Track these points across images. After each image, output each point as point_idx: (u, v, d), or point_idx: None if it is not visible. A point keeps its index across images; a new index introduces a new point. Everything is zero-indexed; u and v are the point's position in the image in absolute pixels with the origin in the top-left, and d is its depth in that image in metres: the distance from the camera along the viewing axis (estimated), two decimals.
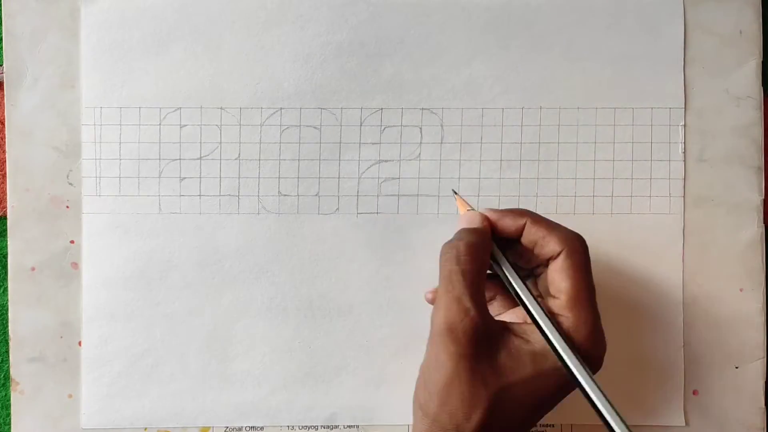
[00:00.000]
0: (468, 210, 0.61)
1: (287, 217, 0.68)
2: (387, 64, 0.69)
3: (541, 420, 0.66)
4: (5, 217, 0.69)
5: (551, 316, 0.56)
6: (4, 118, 0.68)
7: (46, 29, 0.68)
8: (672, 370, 0.69)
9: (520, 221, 0.59)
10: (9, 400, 0.68)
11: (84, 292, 0.68)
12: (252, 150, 0.68)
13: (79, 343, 0.68)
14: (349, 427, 0.69)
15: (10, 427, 0.68)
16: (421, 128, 0.69)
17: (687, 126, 0.69)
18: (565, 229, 0.58)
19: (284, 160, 0.68)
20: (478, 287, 0.56)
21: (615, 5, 0.69)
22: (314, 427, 0.69)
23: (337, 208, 0.69)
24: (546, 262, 0.58)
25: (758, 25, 0.69)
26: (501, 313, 0.62)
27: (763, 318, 0.69)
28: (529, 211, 0.60)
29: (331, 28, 0.68)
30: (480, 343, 0.54)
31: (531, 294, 0.57)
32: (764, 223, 0.69)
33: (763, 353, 0.69)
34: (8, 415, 0.68)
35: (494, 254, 0.59)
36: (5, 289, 0.69)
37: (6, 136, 0.68)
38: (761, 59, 0.69)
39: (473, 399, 0.54)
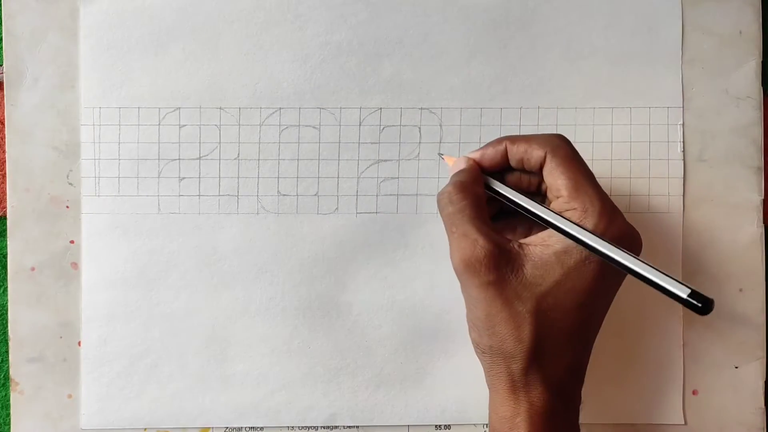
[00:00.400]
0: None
1: (286, 217, 0.68)
2: (386, 64, 0.69)
3: None
4: (5, 217, 0.69)
5: (558, 212, 0.56)
6: (4, 118, 0.68)
7: (46, 29, 0.68)
8: (672, 370, 0.69)
9: (500, 146, 0.60)
10: (9, 400, 0.68)
11: (83, 292, 0.68)
12: (251, 150, 0.68)
13: (79, 343, 0.68)
14: (349, 427, 0.69)
15: (9, 427, 0.68)
16: (420, 128, 0.69)
17: (687, 126, 0.69)
18: (544, 134, 0.59)
19: (283, 159, 0.68)
20: (481, 218, 0.57)
21: (613, 5, 0.69)
22: (314, 427, 0.69)
23: (337, 208, 0.69)
24: (540, 174, 0.59)
25: (758, 25, 0.69)
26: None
27: (763, 318, 0.69)
28: (506, 135, 0.61)
29: (330, 28, 0.68)
30: (500, 267, 0.55)
31: (531, 199, 0.58)
32: (764, 223, 0.69)
33: (763, 353, 0.69)
34: (8, 415, 0.68)
35: (489, 184, 0.60)
36: (5, 289, 0.69)
37: (6, 136, 0.68)
38: (761, 59, 0.69)
39: (516, 319, 0.55)
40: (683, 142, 0.69)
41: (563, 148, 0.57)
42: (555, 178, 0.57)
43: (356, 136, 0.68)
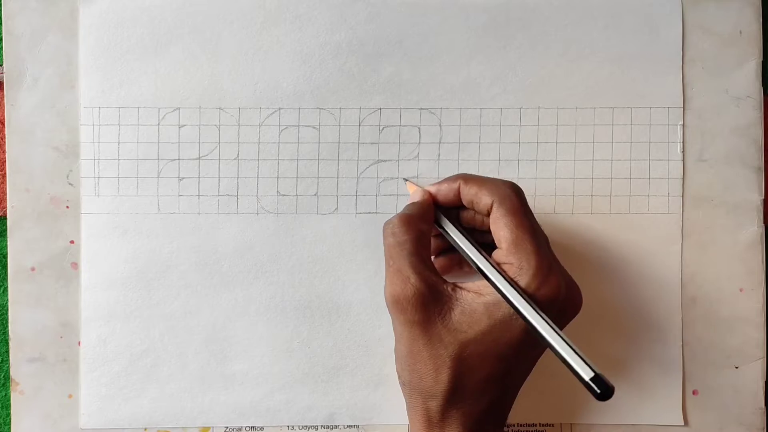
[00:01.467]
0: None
1: (286, 217, 0.68)
2: (385, 64, 0.69)
3: (540, 419, 0.67)
4: (5, 217, 0.69)
5: (496, 265, 0.56)
6: (4, 118, 0.68)
7: (46, 29, 0.68)
8: (671, 370, 0.69)
9: (455, 185, 0.60)
10: (9, 400, 0.68)
11: (83, 292, 0.68)
12: (251, 150, 0.68)
13: (79, 343, 0.68)
14: (349, 427, 0.69)
15: (9, 427, 0.68)
16: (419, 128, 0.69)
17: (687, 126, 0.69)
18: (496, 180, 0.60)
19: (283, 160, 0.68)
20: (418, 255, 0.58)
21: (613, 5, 0.69)
22: (314, 427, 0.69)
23: (336, 208, 0.69)
24: (486, 216, 0.59)
25: (758, 25, 0.69)
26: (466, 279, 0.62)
27: (763, 318, 0.69)
28: (464, 173, 0.61)
29: (330, 28, 0.68)
30: (428, 308, 0.56)
31: (472, 244, 0.58)
32: (764, 223, 0.69)
33: (763, 353, 0.69)
34: (8, 415, 0.68)
35: (438, 220, 0.61)
36: (5, 289, 0.69)
37: (6, 136, 0.68)
38: (761, 59, 0.69)
39: (436, 360, 0.56)
40: (683, 142, 0.69)
41: (510, 199, 0.58)
42: (498, 229, 0.57)
43: (356, 137, 0.68)
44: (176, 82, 0.68)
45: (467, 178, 0.60)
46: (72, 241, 0.68)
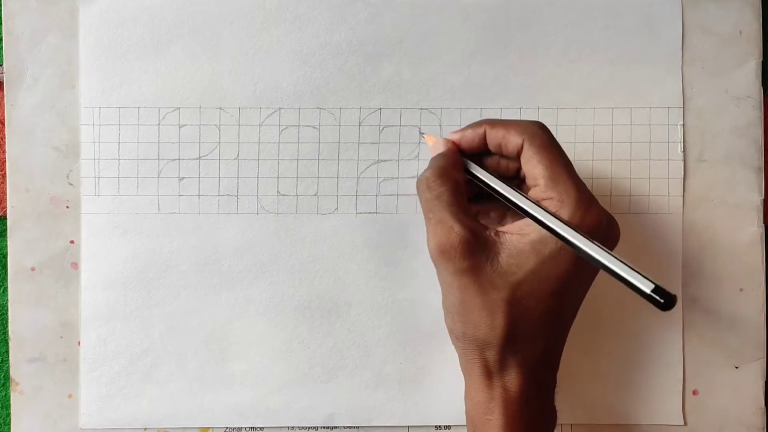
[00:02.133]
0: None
1: (286, 217, 0.68)
2: (386, 64, 0.69)
3: None
4: (5, 217, 0.69)
5: (534, 201, 0.56)
6: (4, 118, 0.68)
7: (46, 29, 0.68)
8: (671, 370, 0.69)
9: (480, 129, 0.60)
10: (9, 400, 0.68)
11: (82, 292, 0.68)
12: (251, 150, 0.68)
13: (79, 343, 0.68)
14: (349, 428, 0.69)
15: (9, 427, 0.68)
16: (419, 128, 0.69)
17: (687, 126, 0.69)
18: (523, 120, 0.59)
19: (283, 159, 0.68)
20: (458, 204, 0.57)
21: (613, 5, 0.69)
22: (314, 427, 0.69)
23: (336, 208, 0.69)
24: (518, 160, 0.59)
25: (758, 25, 0.69)
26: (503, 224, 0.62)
27: (763, 318, 0.69)
28: (486, 119, 0.61)
29: (330, 28, 0.68)
30: (475, 254, 0.56)
31: (508, 185, 0.58)
32: (764, 223, 0.69)
33: (763, 353, 0.69)
34: (8, 415, 0.68)
35: (468, 167, 0.60)
36: (5, 289, 0.69)
37: (6, 136, 0.68)
38: (761, 59, 0.69)
39: (490, 306, 0.56)
40: (683, 142, 0.69)
41: (540, 137, 0.58)
42: (532, 167, 0.57)
43: (356, 136, 0.68)
44: (176, 82, 0.68)
45: (493, 123, 0.60)
46: (72, 241, 0.68)
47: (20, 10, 0.68)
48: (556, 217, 0.54)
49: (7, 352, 0.68)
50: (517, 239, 0.56)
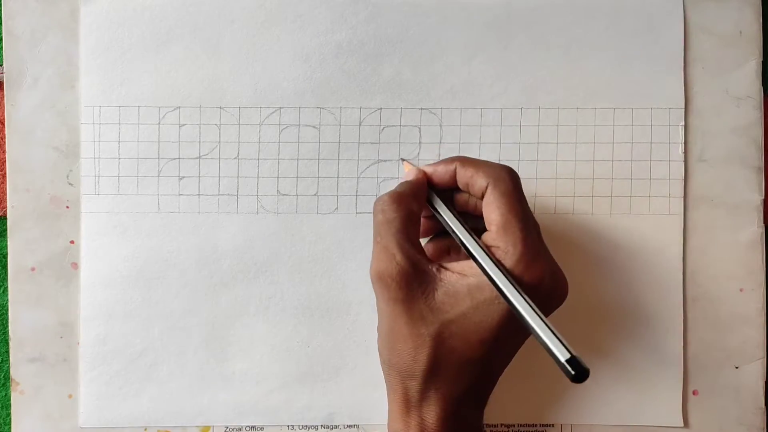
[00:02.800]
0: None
1: (286, 217, 0.68)
2: (386, 64, 0.69)
3: (540, 419, 0.67)
4: (5, 217, 0.69)
5: (484, 246, 0.56)
6: (4, 118, 0.68)
7: (46, 29, 0.68)
8: (671, 371, 0.69)
9: (451, 166, 0.60)
10: (9, 400, 0.68)
11: (82, 291, 0.68)
12: (251, 149, 0.68)
13: (78, 343, 0.68)
14: (349, 426, 0.69)
15: (10, 427, 0.68)
16: (420, 128, 0.69)
17: (687, 126, 0.69)
18: (493, 163, 0.60)
19: (283, 159, 0.68)
20: (406, 233, 0.58)
21: (614, 5, 0.69)
22: (314, 426, 0.69)
23: (336, 208, 0.69)
24: (480, 199, 0.59)
25: (758, 25, 0.69)
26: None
27: (763, 318, 0.69)
28: (461, 156, 0.62)
29: (331, 27, 0.68)
30: (411, 286, 0.56)
31: (462, 225, 0.58)
32: (764, 223, 0.69)
33: (763, 353, 0.69)
34: (8, 415, 0.68)
35: (431, 199, 0.61)
36: (5, 289, 0.69)
37: (6, 136, 0.68)
38: (761, 59, 0.69)
39: (416, 339, 0.56)
40: (684, 143, 0.69)
41: (505, 182, 0.58)
42: (489, 212, 0.57)
43: (356, 136, 0.68)
44: (177, 81, 0.68)
45: (464, 161, 0.60)
46: (72, 241, 0.68)
47: (20, 10, 0.68)
48: (498, 266, 0.55)
49: (7, 352, 0.68)
50: (456, 278, 0.56)
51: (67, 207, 0.68)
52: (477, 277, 0.56)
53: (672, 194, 0.69)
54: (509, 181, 0.58)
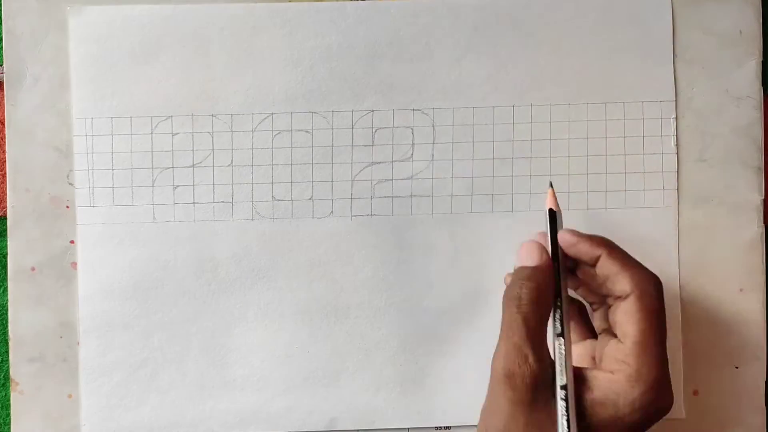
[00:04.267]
0: (534, 237, 0.61)
1: (282, 222, 0.68)
2: (377, 66, 0.68)
3: None
4: (5, 217, 0.69)
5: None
6: (4, 118, 0.68)
7: (46, 29, 0.68)
8: (672, 370, 0.68)
9: (597, 252, 0.58)
10: (9, 400, 0.69)
11: (80, 303, 0.68)
12: (244, 156, 0.68)
13: (78, 343, 0.69)
14: (351, 431, 0.69)
15: (9, 427, 0.69)
16: (412, 129, 0.68)
17: (687, 126, 0.68)
18: (641, 268, 0.57)
19: (277, 165, 0.68)
20: (540, 333, 0.55)
21: (603, 0, 0.68)
22: (315, 431, 0.69)
23: (331, 212, 0.68)
24: (617, 298, 0.57)
25: (758, 25, 0.68)
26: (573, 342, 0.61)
27: (763, 318, 0.69)
28: (608, 241, 0.59)
29: (320, 31, 0.68)
30: (538, 391, 0.54)
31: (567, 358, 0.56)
32: (764, 223, 0.68)
33: (763, 353, 0.69)
34: (8, 415, 0.69)
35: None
36: (5, 289, 0.69)
37: (6, 136, 0.68)
38: (761, 59, 0.68)
39: None
40: (676, 136, 0.69)
41: (651, 299, 0.55)
42: (627, 322, 0.55)
43: (349, 139, 0.68)
44: (168, 91, 0.68)
45: (612, 252, 0.58)
46: (72, 241, 0.68)
47: (20, 10, 0.68)
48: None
49: (7, 352, 0.69)
50: (580, 392, 0.55)
51: (67, 207, 0.68)
52: (602, 392, 0.54)
53: (666, 187, 0.69)
54: (656, 296, 0.56)
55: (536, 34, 0.68)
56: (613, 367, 0.55)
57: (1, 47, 0.69)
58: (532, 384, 0.53)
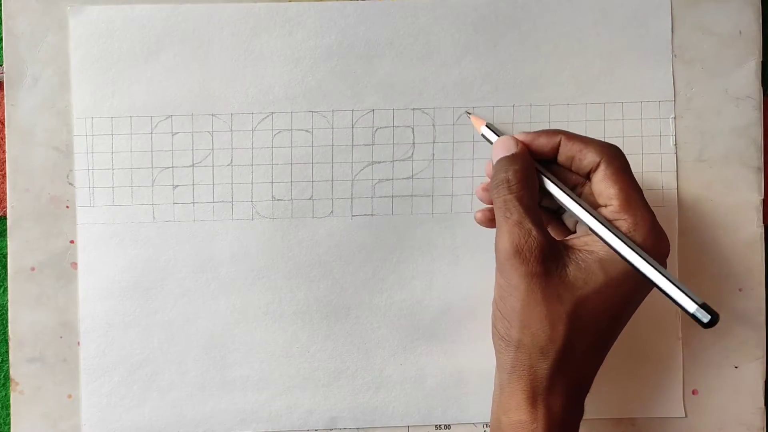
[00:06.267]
0: (498, 136, 0.62)
1: (281, 222, 0.68)
2: (377, 66, 0.68)
3: None
4: (5, 217, 0.69)
5: (606, 221, 0.56)
6: (4, 118, 0.69)
7: (46, 29, 0.68)
8: (672, 370, 0.69)
9: (555, 139, 0.59)
10: (9, 400, 0.69)
11: (80, 303, 0.68)
12: (244, 155, 0.68)
13: (78, 343, 0.69)
14: (351, 430, 0.69)
15: (9, 427, 0.69)
16: (413, 128, 0.68)
17: (686, 126, 0.69)
18: (600, 140, 0.58)
19: (277, 164, 0.68)
20: (535, 209, 0.57)
21: (602, 0, 0.68)
22: (316, 430, 0.69)
23: (332, 211, 0.68)
24: (586, 176, 0.58)
25: (758, 25, 0.68)
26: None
27: (763, 318, 0.69)
28: (560, 129, 0.60)
29: (320, 31, 0.68)
30: (548, 261, 0.55)
31: (580, 203, 0.57)
32: (764, 223, 0.69)
33: (763, 353, 0.69)
34: (8, 415, 0.69)
35: (542, 175, 0.60)
36: (5, 289, 0.70)
37: (6, 136, 0.68)
38: (761, 59, 0.68)
39: (552, 317, 0.55)
40: (675, 136, 0.69)
41: (619, 159, 0.57)
42: (607, 186, 0.56)
43: (349, 139, 0.68)
44: (168, 90, 0.68)
45: (569, 135, 0.59)
46: (72, 241, 0.68)
47: (20, 10, 0.68)
48: (629, 242, 0.54)
49: (7, 352, 0.69)
50: (585, 254, 0.56)
51: (67, 207, 0.68)
52: (605, 252, 0.55)
53: (665, 186, 0.69)
54: (622, 158, 0.58)
55: (536, 34, 0.68)
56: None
57: (1, 47, 0.69)
58: (540, 255, 0.55)
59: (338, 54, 0.68)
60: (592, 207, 0.58)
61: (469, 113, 0.68)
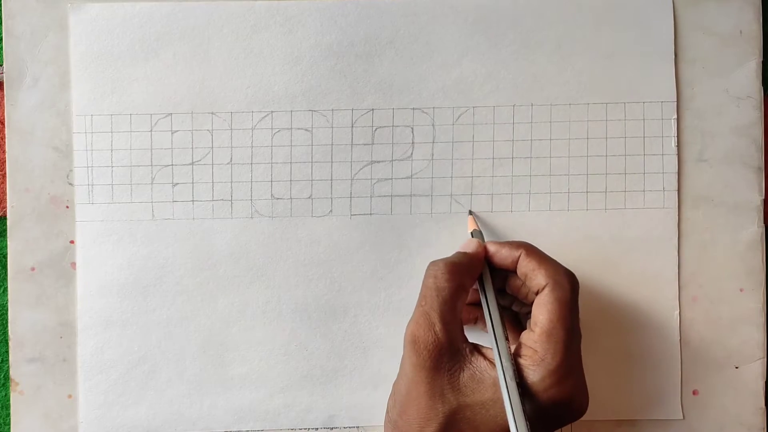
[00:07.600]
0: (472, 233, 0.64)
1: (281, 221, 0.68)
2: (377, 65, 0.68)
3: None
4: (5, 217, 0.69)
5: (511, 351, 0.56)
6: (4, 118, 0.69)
7: (46, 29, 0.68)
8: (671, 370, 0.69)
9: (516, 253, 0.60)
10: (8, 400, 0.69)
11: (78, 300, 0.68)
12: (244, 154, 0.68)
13: (78, 344, 0.68)
14: (349, 428, 0.69)
15: (9, 428, 0.69)
16: (412, 128, 0.68)
17: (687, 126, 0.68)
18: (557, 264, 0.59)
19: (276, 163, 0.68)
20: (452, 306, 0.57)
21: (604, 0, 0.68)
22: (314, 429, 0.69)
23: (331, 210, 0.68)
24: (536, 295, 0.58)
25: (758, 25, 0.68)
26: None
27: (763, 318, 0.68)
28: (527, 243, 0.61)
29: (320, 30, 0.68)
30: (441, 360, 0.56)
31: (499, 321, 0.58)
32: (764, 223, 0.68)
33: (763, 353, 0.68)
34: (8, 415, 0.69)
35: (483, 281, 0.60)
36: (5, 289, 0.69)
37: (6, 136, 0.68)
38: (761, 59, 0.68)
39: (429, 412, 0.55)
40: (677, 136, 0.68)
41: (562, 290, 0.57)
42: (538, 313, 0.57)
43: (349, 138, 0.68)
44: (168, 88, 0.68)
45: (530, 251, 0.59)
46: (72, 241, 0.68)
47: (20, 10, 0.68)
48: (512, 383, 0.54)
49: (7, 352, 0.69)
50: (485, 366, 0.56)
51: (67, 207, 0.68)
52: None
53: (666, 188, 0.69)
54: (568, 288, 0.57)
55: (537, 34, 0.68)
56: (523, 353, 0.56)
57: (1, 47, 0.69)
58: (435, 351, 0.55)
59: (338, 53, 0.68)
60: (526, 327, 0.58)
61: (471, 212, 0.69)
